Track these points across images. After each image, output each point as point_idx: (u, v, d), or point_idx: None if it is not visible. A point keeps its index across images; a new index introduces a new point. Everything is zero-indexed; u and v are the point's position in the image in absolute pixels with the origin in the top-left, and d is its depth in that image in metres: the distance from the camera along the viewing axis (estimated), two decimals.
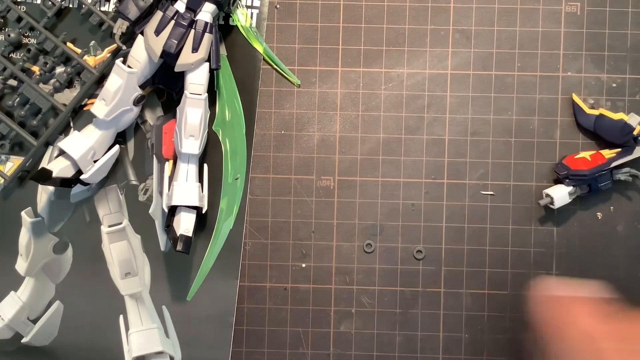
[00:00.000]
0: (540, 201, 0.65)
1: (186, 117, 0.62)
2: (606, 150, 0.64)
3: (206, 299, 0.66)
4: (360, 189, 0.67)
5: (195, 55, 0.61)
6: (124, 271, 0.66)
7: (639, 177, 0.65)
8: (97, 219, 0.67)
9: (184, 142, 0.62)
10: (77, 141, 0.61)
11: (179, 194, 0.62)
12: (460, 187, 0.67)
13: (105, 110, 0.61)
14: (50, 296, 0.67)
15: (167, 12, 0.60)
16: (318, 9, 0.67)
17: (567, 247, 0.66)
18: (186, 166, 0.63)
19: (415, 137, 0.67)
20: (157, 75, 0.64)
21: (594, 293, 0.60)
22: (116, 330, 0.67)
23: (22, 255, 0.67)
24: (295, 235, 0.67)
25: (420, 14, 0.67)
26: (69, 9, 0.66)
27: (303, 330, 0.67)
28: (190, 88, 0.62)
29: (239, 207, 0.67)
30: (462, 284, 0.67)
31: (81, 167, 0.61)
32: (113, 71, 0.61)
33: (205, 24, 0.61)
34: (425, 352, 0.67)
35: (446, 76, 0.67)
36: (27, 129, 0.66)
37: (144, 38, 0.61)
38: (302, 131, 0.67)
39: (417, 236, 0.67)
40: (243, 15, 0.66)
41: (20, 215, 0.67)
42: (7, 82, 0.65)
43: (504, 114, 0.67)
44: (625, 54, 0.66)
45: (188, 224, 0.62)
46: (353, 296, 0.67)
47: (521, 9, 0.66)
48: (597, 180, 0.64)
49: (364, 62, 0.67)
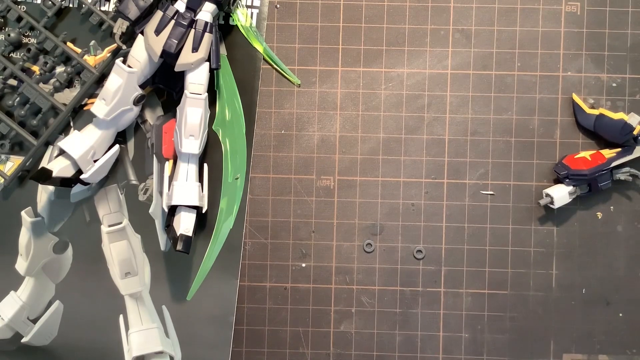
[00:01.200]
0: (540, 201, 0.65)
1: (186, 116, 0.62)
2: (606, 150, 0.64)
3: (206, 298, 0.66)
4: (360, 189, 0.67)
5: (195, 55, 0.61)
6: (124, 271, 0.66)
7: (639, 177, 0.65)
8: (97, 219, 0.67)
9: (184, 141, 0.62)
10: (77, 141, 0.61)
11: (179, 194, 0.62)
12: (460, 187, 0.67)
13: (105, 109, 0.61)
14: (50, 296, 0.67)
15: (167, 12, 0.60)
16: (318, 9, 0.67)
17: (567, 247, 0.66)
18: (186, 166, 0.63)
19: (415, 137, 0.67)
20: (157, 75, 0.64)
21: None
22: (116, 330, 0.66)
23: (22, 255, 0.67)
24: (295, 235, 0.67)
25: (420, 14, 0.67)
26: (69, 9, 0.66)
27: (303, 330, 0.67)
28: (190, 88, 0.62)
29: (239, 207, 0.67)
30: (462, 284, 0.67)
31: (81, 166, 0.61)
32: (113, 71, 0.61)
33: (206, 23, 0.61)
34: (425, 352, 0.67)
35: (446, 76, 0.67)
36: (27, 129, 0.66)
37: (144, 38, 0.61)
38: (302, 131, 0.67)
39: (417, 236, 0.67)
40: (243, 15, 0.66)
41: (20, 215, 0.67)
42: (7, 81, 0.65)
43: (504, 113, 0.67)
44: (625, 54, 0.66)
45: (188, 223, 0.62)
46: (353, 296, 0.67)
47: (521, 9, 0.66)
48: (597, 180, 0.64)
49: (364, 62, 0.67)
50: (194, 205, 0.62)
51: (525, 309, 0.66)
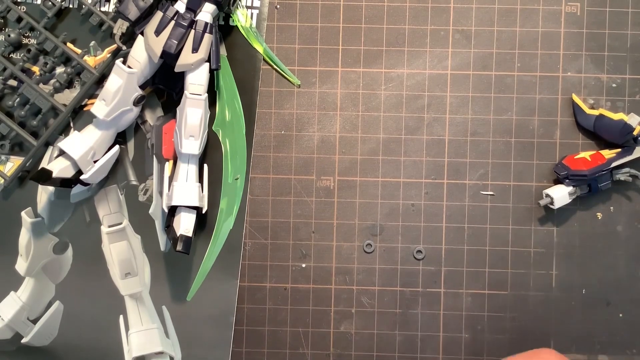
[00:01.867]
0: (540, 201, 0.65)
1: (186, 117, 0.62)
2: (606, 151, 0.64)
3: (206, 299, 0.66)
4: (360, 189, 0.67)
5: (195, 55, 0.61)
6: (124, 271, 0.66)
7: (639, 177, 0.65)
8: (97, 219, 0.67)
9: (184, 142, 0.62)
10: (77, 141, 0.61)
11: (179, 194, 0.62)
12: (460, 187, 0.67)
13: (105, 110, 0.61)
14: (50, 296, 0.67)
15: (167, 13, 0.60)
16: (318, 9, 0.67)
17: (567, 247, 0.66)
18: (186, 166, 0.63)
19: (415, 137, 0.67)
20: (157, 76, 0.64)
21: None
22: (116, 330, 0.67)
23: (22, 255, 0.67)
24: (295, 235, 0.67)
25: (420, 14, 0.67)
26: (69, 9, 0.66)
27: (303, 330, 0.67)
28: (190, 88, 0.62)
29: (239, 207, 0.67)
30: (462, 284, 0.67)
31: (81, 167, 0.61)
32: (113, 71, 0.61)
33: (205, 24, 0.61)
34: (425, 352, 0.67)
35: (446, 76, 0.67)
36: (27, 129, 0.66)
37: (144, 38, 0.61)
38: (302, 131, 0.67)
39: (417, 236, 0.67)
40: (243, 16, 0.66)
41: (20, 215, 0.67)
42: (7, 82, 0.65)
43: (504, 114, 0.67)
44: (625, 54, 0.66)
45: (188, 224, 0.62)
46: (353, 296, 0.67)
47: (521, 9, 0.66)
48: (597, 181, 0.64)
49: (364, 63, 0.67)
50: (194, 206, 0.62)
51: (525, 309, 0.67)
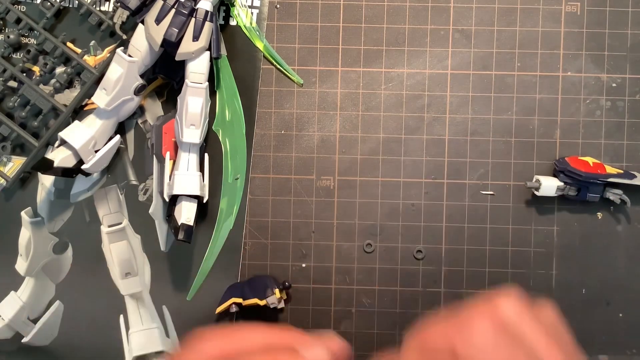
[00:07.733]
0: (527, 182, 0.64)
1: (187, 106, 0.61)
2: (610, 166, 0.64)
3: (206, 298, 0.66)
4: (360, 189, 0.67)
5: (196, 43, 0.61)
6: (124, 271, 0.66)
7: (626, 204, 0.65)
8: (97, 219, 0.67)
9: (185, 131, 0.62)
10: (78, 131, 0.61)
11: (180, 184, 0.62)
12: (460, 187, 0.67)
13: (106, 99, 0.61)
14: (51, 296, 0.67)
15: (167, 1, 0.60)
16: (318, 9, 0.67)
17: (567, 247, 0.66)
18: (187, 156, 0.63)
19: (415, 137, 0.67)
20: (157, 65, 0.64)
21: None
22: (116, 330, 0.67)
23: (22, 255, 0.67)
24: (295, 235, 0.67)
25: (420, 14, 0.67)
26: (68, 9, 0.66)
27: (303, 330, 0.67)
28: (191, 77, 0.62)
29: (239, 207, 0.67)
30: (462, 284, 0.67)
31: (82, 156, 0.61)
32: (114, 60, 0.61)
33: (206, 12, 0.61)
34: None
35: (446, 76, 0.67)
36: (28, 130, 0.66)
37: (144, 27, 0.60)
38: (302, 131, 0.67)
39: (417, 236, 0.67)
40: (244, 13, 0.66)
41: (20, 215, 0.67)
42: (8, 83, 0.65)
43: (504, 114, 0.67)
44: (625, 54, 0.66)
45: (189, 213, 0.62)
46: (353, 296, 0.67)
47: (521, 9, 0.66)
48: (587, 188, 0.64)
49: (364, 62, 0.67)
50: (195, 195, 0.62)
51: None
